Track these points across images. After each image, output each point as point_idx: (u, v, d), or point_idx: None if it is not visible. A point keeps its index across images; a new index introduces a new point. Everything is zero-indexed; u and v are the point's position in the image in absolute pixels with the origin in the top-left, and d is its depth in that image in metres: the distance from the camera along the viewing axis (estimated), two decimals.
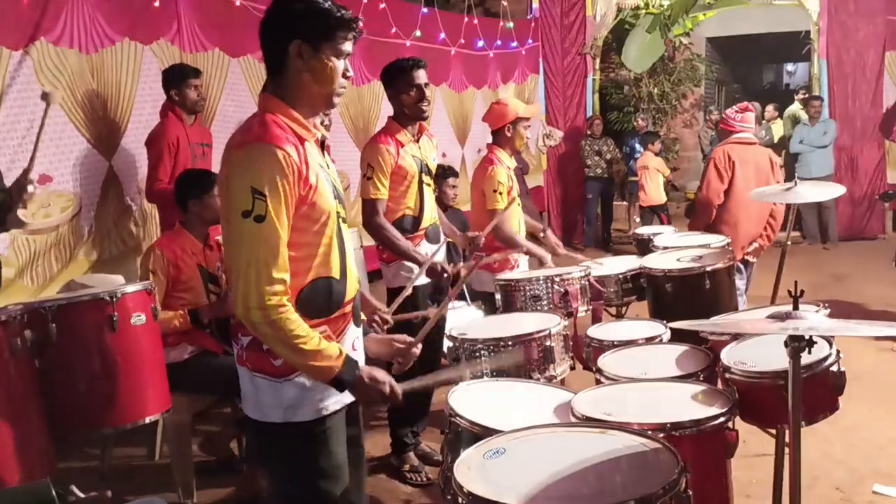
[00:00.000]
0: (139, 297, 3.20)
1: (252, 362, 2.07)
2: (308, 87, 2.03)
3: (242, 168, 1.91)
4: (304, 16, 2.00)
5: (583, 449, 1.76)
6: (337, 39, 2.02)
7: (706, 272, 3.84)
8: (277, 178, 1.89)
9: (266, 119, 1.99)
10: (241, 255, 1.90)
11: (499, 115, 4.48)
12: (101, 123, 4.76)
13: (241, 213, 1.88)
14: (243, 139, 1.97)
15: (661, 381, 2.40)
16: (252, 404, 2.11)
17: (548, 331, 3.05)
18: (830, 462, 4.04)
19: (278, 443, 2.10)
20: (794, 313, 1.73)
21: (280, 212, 1.90)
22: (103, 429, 3.18)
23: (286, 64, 2.01)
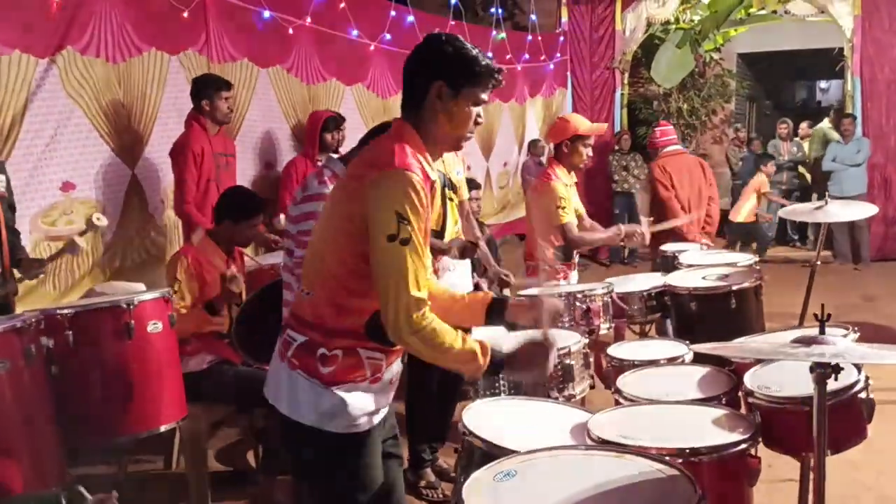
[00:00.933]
0: (156, 304, 3.20)
1: (300, 362, 2.10)
2: (441, 126, 2.10)
3: (386, 192, 1.97)
4: (451, 59, 2.07)
5: (597, 474, 1.70)
6: (477, 87, 2.09)
7: (732, 291, 3.76)
8: (418, 204, 1.97)
9: (404, 148, 2.05)
10: (388, 277, 1.96)
11: (558, 130, 4.53)
12: (125, 133, 4.77)
13: (387, 237, 1.94)
14: (383, 162, 2.02)
15: (681, 404, 2.33)
16: (286, 401, 2.12)
17: (567, 348, 3.00)
18: (858, 488, 3.93)
19: (310, 444, 2.13)
20: (820, 338, 1.65)
21: (420, 234, 1.98)
22: (118, 436, 3.17)
23: (425, 100, 2.09)
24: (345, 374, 2.09)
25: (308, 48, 6.49)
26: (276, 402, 2.16)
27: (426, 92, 2.07)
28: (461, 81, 2.07)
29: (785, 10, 10.52)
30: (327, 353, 2.08)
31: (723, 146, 13.51)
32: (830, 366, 1.61)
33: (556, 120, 4.58)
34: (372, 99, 7.29)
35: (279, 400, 2.15)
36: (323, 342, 2.08)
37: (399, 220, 1.95)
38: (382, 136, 2.16)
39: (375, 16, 7.30)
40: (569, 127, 4.42)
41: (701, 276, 4.07)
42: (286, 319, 2.22)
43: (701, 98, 13.16)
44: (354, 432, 2.12)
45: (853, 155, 9.60)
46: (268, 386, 2.20)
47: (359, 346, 2.10)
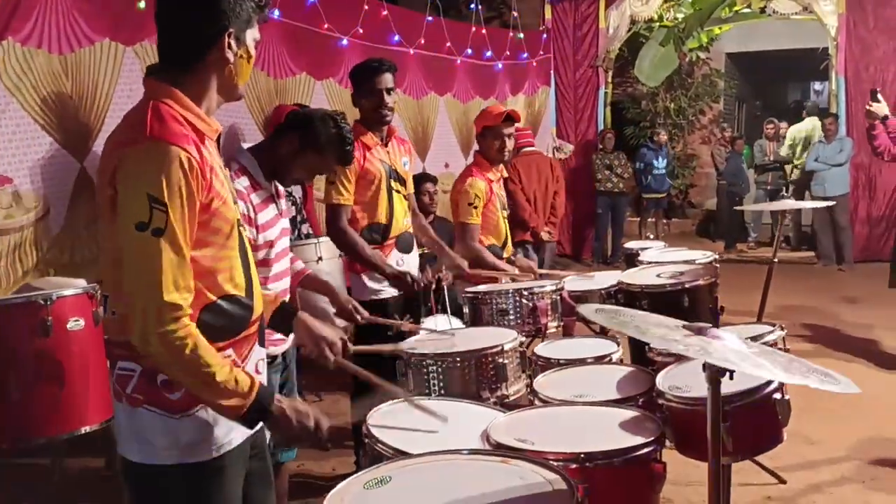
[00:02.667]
0: (77, 301, 3.08)
1: (144, 395, 1.77)
2: (228, 79, 1.81)
3: (136, 171, 1.65)
4: (235, 5, 1.78)
5: (476, 481, 1.58)
6: (256, 26, 1.85)
7: (685, 289, 3.64)
8: (180, 184, 1.65)
9: (162, 112, 1.70)
10: (137, 273, 1.65)
11: (476, 122, 4.46)
12: (73, 125, 4.64)
13: (136, 224, 1.62)
14: (136, 135, 1.68)
15: (595, 406, 2.20)
16: (134, 445, 1.80)
17: (500, 347, 2.87)
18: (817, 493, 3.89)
19: (170, 488, 1.81)
20: (708, 329, 1.53)
21: (182, 223, 1.66)
22: (38, 438, 3.04)
23: (205, 55, 1.77)
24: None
25: (277, 42, 6.37)
26: (122, 450, 1.83)
27: (210, 46, 1.76)
28: (245, 25, 1.80)
29: (771, 8, 10.42)
30: (167, 377, 1.75)
31: (711, 146, 13.43)
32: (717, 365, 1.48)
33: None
34: (343, 94, 7.17)
35: (127, 448, 1.82)
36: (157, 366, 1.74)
37: (152, 205, 1.62)
38: (138, 104, 1.81)
39: (347, 9, 7.18)
40: (477, 121, 4.39)
41: (656, 273, 3.96)
42: (110, 351, 1.86)
43: (689, 98, 13.10)
44: (223, 454, 1.83)
45: (835, 154, 9.50)
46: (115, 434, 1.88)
47: None
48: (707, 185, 13.91)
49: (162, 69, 1.83)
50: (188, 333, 1.66)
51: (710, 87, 13.37)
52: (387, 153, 3.78)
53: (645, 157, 11.29)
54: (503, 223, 4.44)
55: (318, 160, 3.02)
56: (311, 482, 4.10)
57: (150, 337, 1.64)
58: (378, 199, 3.73)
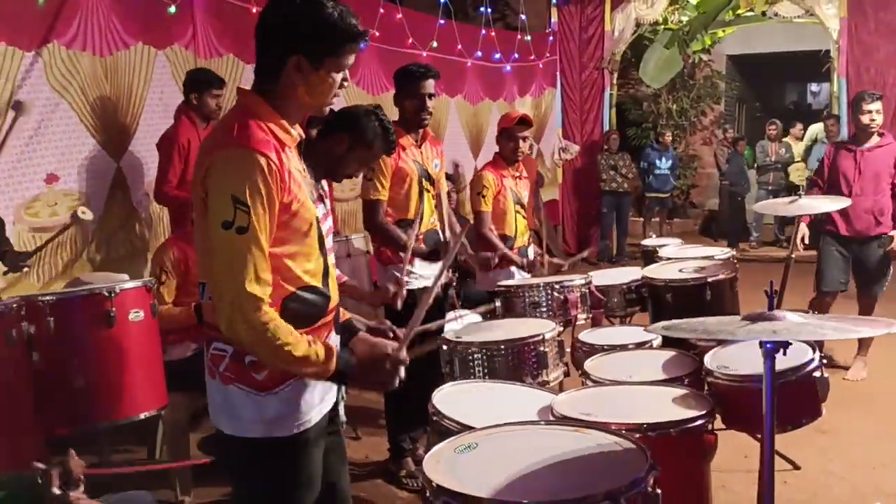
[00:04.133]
0: (138, 293, 3.23)
1: (234, 373, 1.95)
2: (301, 98, 1.93)
3: (222, 174, 1.82)
4: (309, 30, 1.87)
5: (555, 446, 1.75)
6: (341, 55, 1.92)
7: (707, 283, 3.82)
8: (260, 187, 1.80)
9: (248, 121, 1.87)
10: (223, 267, 1.82)
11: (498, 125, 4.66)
12: (111, 126, 4.81)
13: (222, 223, 1.79)
14: (223, 141, 1.86)
15: (644, 385, 2.38)
16: (227, 418, 1.98)
17: (541, 336, 3.05)
18: (830, 478, 4.00)
19: (258, 458, 1.99)
20: (767, 314, 1.70)
21: (262, 222, 1.82)
22: (97, 423, 3.19)
23: (281, 73, 1.89)
24: (281, 374, 1.95)
25: None
26: (216, 422, 2.02)
27: (282, 65, 1.87)
28: (322, 53, 1.87)
29: (773, 11, 10.60)
30: (255, 358, 1.92)
31: (712, 147, 13.63)
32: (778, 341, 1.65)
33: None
34: (361, 96, 7.33)
35: (219, 420, 2.00)
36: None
37: (236, 206, 1.78)
38: (227, 113, 1.98)
39: (363, 12, 7.33)
40: (499, 122, 4.65)
41: (678, 268, 4.13)
42: (207, 332, 2.02)
43: (690, 99, 13.28)
44: (303, 430, 2.00)
45: None
46: (210, 408, 2.05)
47: None
48: (708, 186, 14.10)
49: (255, 80, 1.99)
50: (268, 319, 1.82)
51: (712, 89, 13.55)
52: (420, 153, 3.95)
53: (649, 157, 11.46)
54: (515, 216, 4.59)
55: (368, 154, 3.18)
56: None
57: (235, 324, 1.81)
58: (409, 198, 3.90)
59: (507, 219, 4.56)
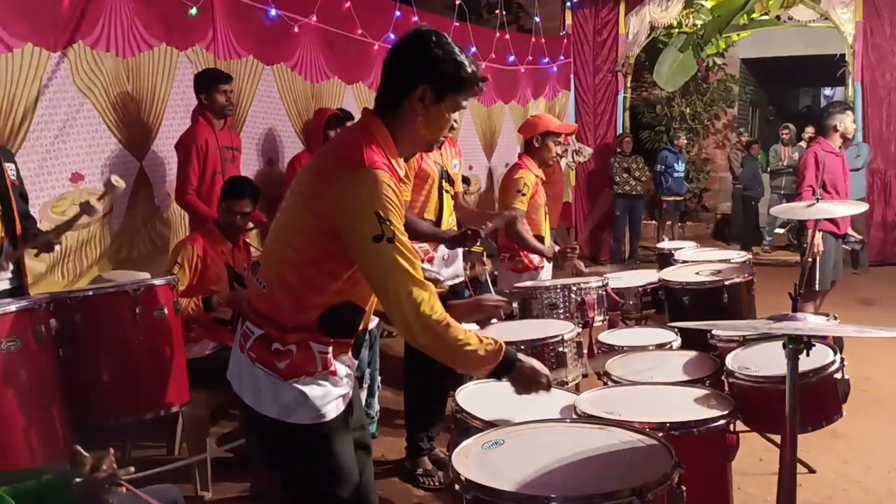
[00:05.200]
0: (162, 291, 3.29)
1: (257, 354, 2.06)
2: (417, 129, 2.04)
3: (360, 192, 1.92)
4: (440, 64, 2.00)
5: (580, 443, 1.79)
6: (461, 95, 2.04)
7: (724, 286, 3.84)
8: (394, 202, 1.93)
9: (372, 145, 1.98)
10: (386, 276, 1.92)
11: (530, 125, 4.64)
12: (134, 126, 4.88)
13: (373, 238, 1.89)
14: (352, 162, 1.95)
15: (665, 385, 2.42)
16: (250, 391, 2.08)
17: (560, 336, 3.08)
18: (846, 482, 4.00)
19: (275, 437, 2.09)
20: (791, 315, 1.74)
21: (402, 229, 1.94)
22: (123, 418, 3.26)
23: (405, 100, 2.01)
24: (299, 368, 2.04)
25: (313, 47, 6.59)
26: (240, 392, 2.11)
27: (408, 93, 1.99)
28: (446, 88, 2.00)
29: (788, 15, 10.60)
30: (282, 347, 2.03)
31: (725, 151, 13.62)
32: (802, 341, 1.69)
33: (529, 117, 4.72)
34: (372, 96, 7.37)
35: (243, 390, 2.10)
36: (278, 337, 2.03)
37: (380, 220, 1.89)
38: (350, 129, 2.11)
39: (380, 16, 7.39)
40: (539, 123, 4.58)
41: (695, 271, 4.15)
42: (245, 311, 2.16)
43: (704, 103, 13.29)
44: (321, 422, 2.06)
45: (852, 160, 9.60)
46: (231, 375, 2.14)
47: (311, 341, 2.05)
48: (721, 189, 14.10)
49: (376, 105, 2.10)
50: (442, 317, 1.93)
51: (725, 93, 13.54)
52: (440, 155, 4.00)
53: (666, 160, 11.45)
54: (544, 219, 4.64)
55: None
56: None
57: (412, 325, 1.92)
58: (430, 198, 3.95)
59: (539, 220, 4.61)
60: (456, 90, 2.02)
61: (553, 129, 4.51)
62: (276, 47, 6.19)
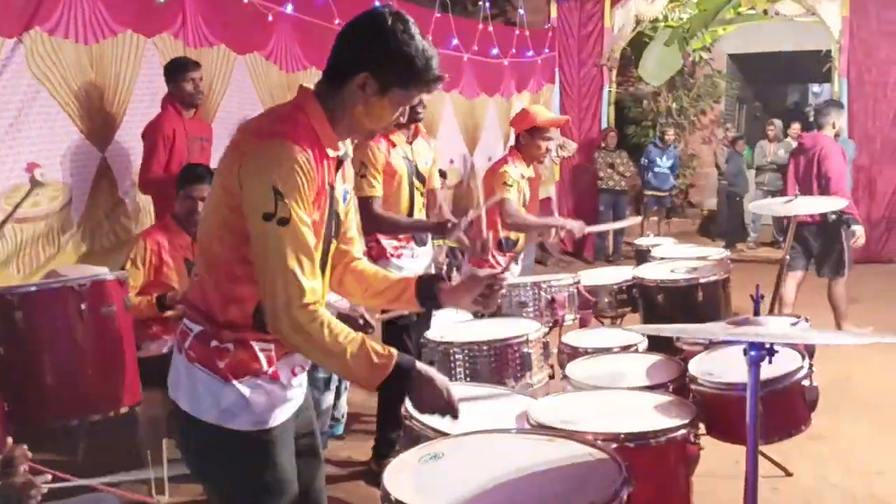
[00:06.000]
0: (110, 287, 3.15)
1: (196, 353, 1.89)
2: (357, 116, 1.87)
3: (262, 164, 1.75)
4: (386, 55, 1.81)
5: (526, 456, 1.67)
6: (409, 91, 1.87)
7: (699, 284, 3.74)
8: (299, 181, 1.75)
9: (298, 118, 1.84)
10: (266, 261, 1.76)
11: (518, 120, 4.45)
12: (97, 115, 4.72)
13: (263, 214, 1.73)
14: (269, 131, 1.80)
15: (627, 391, 2.29)
16: (186, 395, 1.92)
17: (525, 336, 2.96)
18: (824, 485, 3.92)
19: (212, 444, 1.92)
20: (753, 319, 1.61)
21: (302, 216, 1.77)
22: (69, 420, 3.13)
23: (346, 83, 1.84)
24: (242, 367, 1.89)
25: (288, 36, 6.43)
26: (175, 396, 1.95)
27: (350, 77, 1.82)
28: (391, 81, 1.82)
29: (774, 10, 10.51)
30: (220, 345, 1.87)
31: (712, 147, 13.54)
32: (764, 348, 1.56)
33: (521, 109, 4.53)
34: None
35: (179, 395, 1.94)
36: (215, 334, 1.88)
37: (277, 198, 1.72)
38: (280, 104, 1.93)
39: (359, 6, 7.22)
40: (528, 118, 4.34)
41: (670, 268, 4.05)
42: (184, 309, 2.00)
43: (690, 98, 13.19)
44: (261, 429, 1.92)
45: None
46: (170, 379, 1.98)
47: (250, 338, 1.89)
48: (707, 185, 14.00)
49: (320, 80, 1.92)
50: (316, 317, 1.76)
51: (712, 88, 13.45)
52: (411, 150, 3.89)
53: (650, 155, 11.37)
54: None
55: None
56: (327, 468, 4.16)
57: (280, 321, 1.76)
58: (399, 195, 3.84)
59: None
60: (402, 85, 1.84)
61: (539, 123, 4.27)
62: (250, 36, 6.03)
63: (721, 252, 4.50)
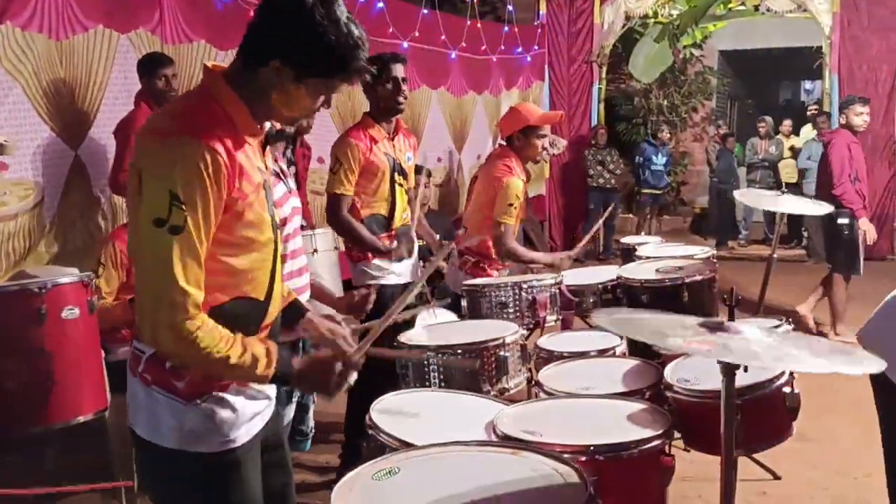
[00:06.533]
0: (73, 289, 3.05)
1: (152, 376, 1.75)
2: (273, 102, 1.72)
3: (161, 165, 1.60)
4: (299, 41, 1.65)
5: (486, 472, 1.56)
6: (329, 81, 1.71)
7: (684, 283, 3.63)
8: (202, 184, 1.60)
9: (200, 106, 1.68)
10: (151, 268, 1.63)
11: (510, 121, 4.22)
12: (69, 112, 4.60)
13: (154, 220, 1.59)
14: (171, 127, 1.64)
15: (601, 398, 2.19)
16: (144, 421, 1.77)
17: (501, 340, 2.85)
18: (813, 489, 3.85)
19: (174, 470, 1.79)
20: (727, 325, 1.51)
21: (199, 224, 1.61)
22: (30, 428, 3.03)
23: (261, 67, 1.67)
24: (203, 385, 1.75)
25: None
26: (133, 423, 1.80)
27: (263, 62, 1.66)
28: (306, 71, 1.66)
29: (766, 6, 10.43)
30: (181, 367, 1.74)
31: (703, 144, 13.46)
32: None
33: (509, 110, 4.36)
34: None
35: (136, 421, 1.79)
36: None
37: (172, 203, 1.57)
38: (191, 91, 1.78)
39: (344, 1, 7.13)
40: (519, 117, 4.11)
41: (655, 268, 3.95)
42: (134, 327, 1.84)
43: (681, 95, 13.10)
44: (227, 449, 1.79)
45: None
46: (128, 404, 1.83)
47: None
48: (699, 183, 13.93)
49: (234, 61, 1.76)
50: (196, 327, 1.63)
51: (703, 85, 13.37)
52: (392, 147, 3.79)
53: (645, 153, 11.27)
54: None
55: None
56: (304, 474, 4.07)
57: (159, 334, 1.63)
58: (381, 192, 3.75)
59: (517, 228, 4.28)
60: (320, 75, 1.68)
61: (533, 122, 4.05)
62: (231, 32, 5.90)
63: (707, 251, 4.40)
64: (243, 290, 1.77)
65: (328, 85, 1.71)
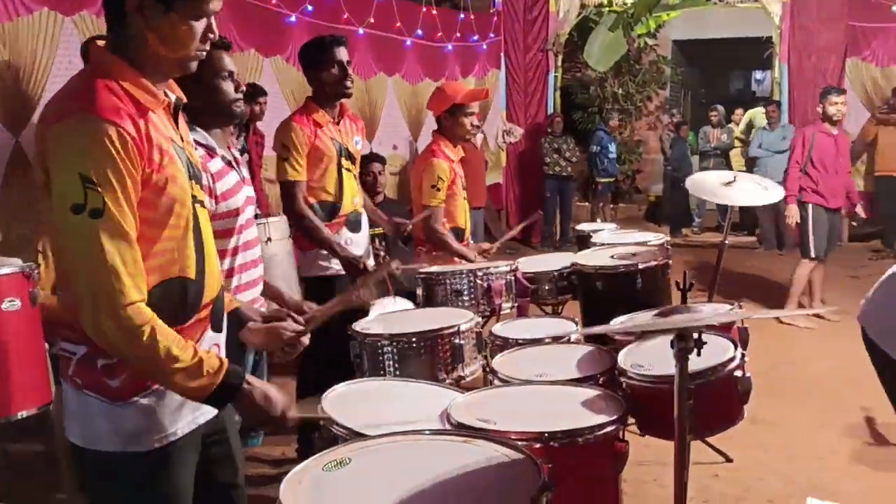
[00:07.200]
0: (13, 280, 2.92)
1: (83, 379, 1.67)
2: (154, 49, 1.62)
3: (64, 149, 1.52)
4: None
5: (439, 461, 1.53)
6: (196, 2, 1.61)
7: (638, 270, 3.64)
8: (112, 161, 1.52)
9: (96, 84, 1.56)
10: (81, 258, 1.53)
11: (437, 101, 4.25)
12: (9, 98, 4.46)
13: (72, 207, 1.50)
14: (65, 109, 1.55)
15: (555, 385, 2.17)
16: (79, 428, 1.71)
17: (457, 327, 2.82)
18: (766, 472, 3.89)
19: (114, 474, 1.73)
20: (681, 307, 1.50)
21: (120, 202, 1.53)
22: None
23: (125, 16, 1.58)
24: (140, 382, 1.68)
25: (225, 18, 6.20)
26: (67, 433, 1.73)
27: (123, 5, 1.57)
28: None
29: None
30: (108, 361, 1.65)
31: (657, 133, 13.59)
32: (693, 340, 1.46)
33: (435, 90, 4.35)
34: (290, 70, 7.04)
35: (71, 430, 1.73)
36: (100, 351, 1.63)
37: (86, 186, 1.49)
38: (81, 70, 1.69)
39: None
40: (445, 97, 4.14)
41: (610, 255, 3.95)
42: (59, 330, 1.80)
43: (636, 84, 13.20)
44: (167, 443, 1.73)
45: (779, 141, 9.67)
46: (64, 413, 1.76)
47: None
48: (653, 171, 14.06)
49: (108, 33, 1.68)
50: (144, 319, 1.56)
51: (657, 74, 13.49)
52: (339, 131, 3.71)
53: (602, 141, 11.33)
54: (464, 204, 4.35)
55: None
56: (259, 467, 4.01)
57: (102, 324, 1.54)
58: (327, 178, 3.66)
59: (460, 210, 4.27)
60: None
61: (459, 101, 4.08)
62: None
63: (661, 237, 4.42)
64: (171, 271, 1.69)
65: (197, 7, 1.61)
